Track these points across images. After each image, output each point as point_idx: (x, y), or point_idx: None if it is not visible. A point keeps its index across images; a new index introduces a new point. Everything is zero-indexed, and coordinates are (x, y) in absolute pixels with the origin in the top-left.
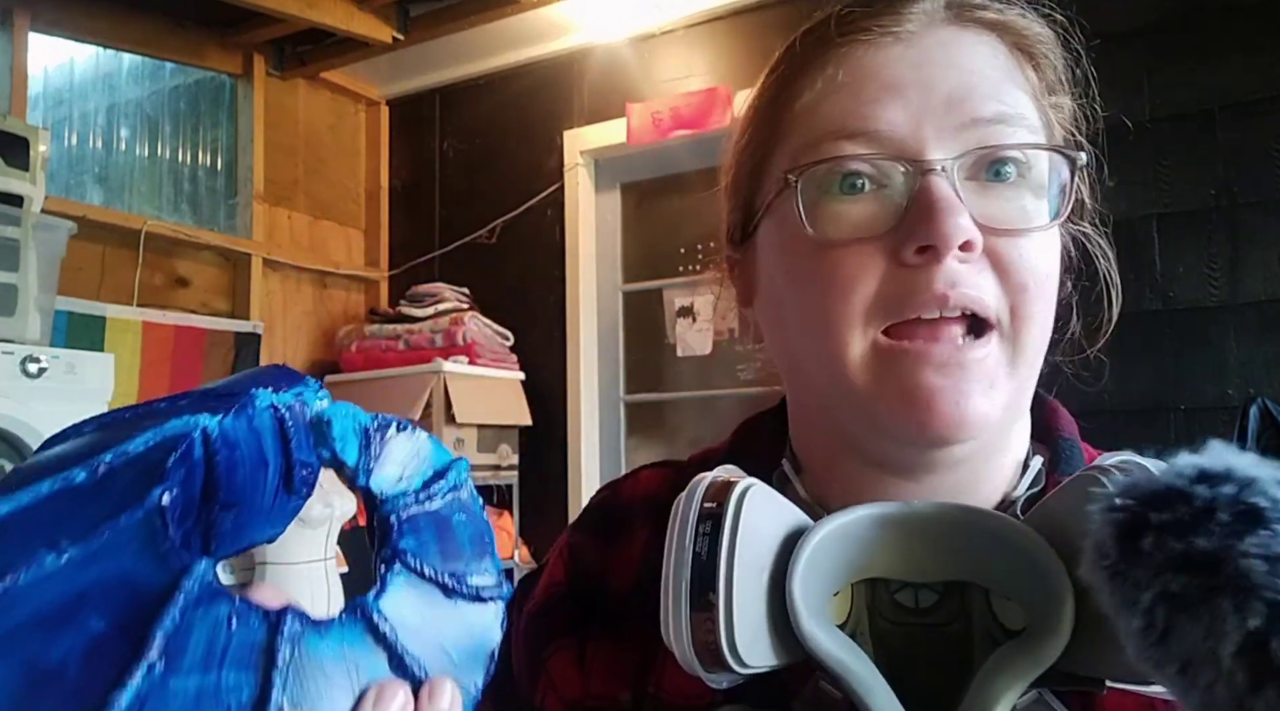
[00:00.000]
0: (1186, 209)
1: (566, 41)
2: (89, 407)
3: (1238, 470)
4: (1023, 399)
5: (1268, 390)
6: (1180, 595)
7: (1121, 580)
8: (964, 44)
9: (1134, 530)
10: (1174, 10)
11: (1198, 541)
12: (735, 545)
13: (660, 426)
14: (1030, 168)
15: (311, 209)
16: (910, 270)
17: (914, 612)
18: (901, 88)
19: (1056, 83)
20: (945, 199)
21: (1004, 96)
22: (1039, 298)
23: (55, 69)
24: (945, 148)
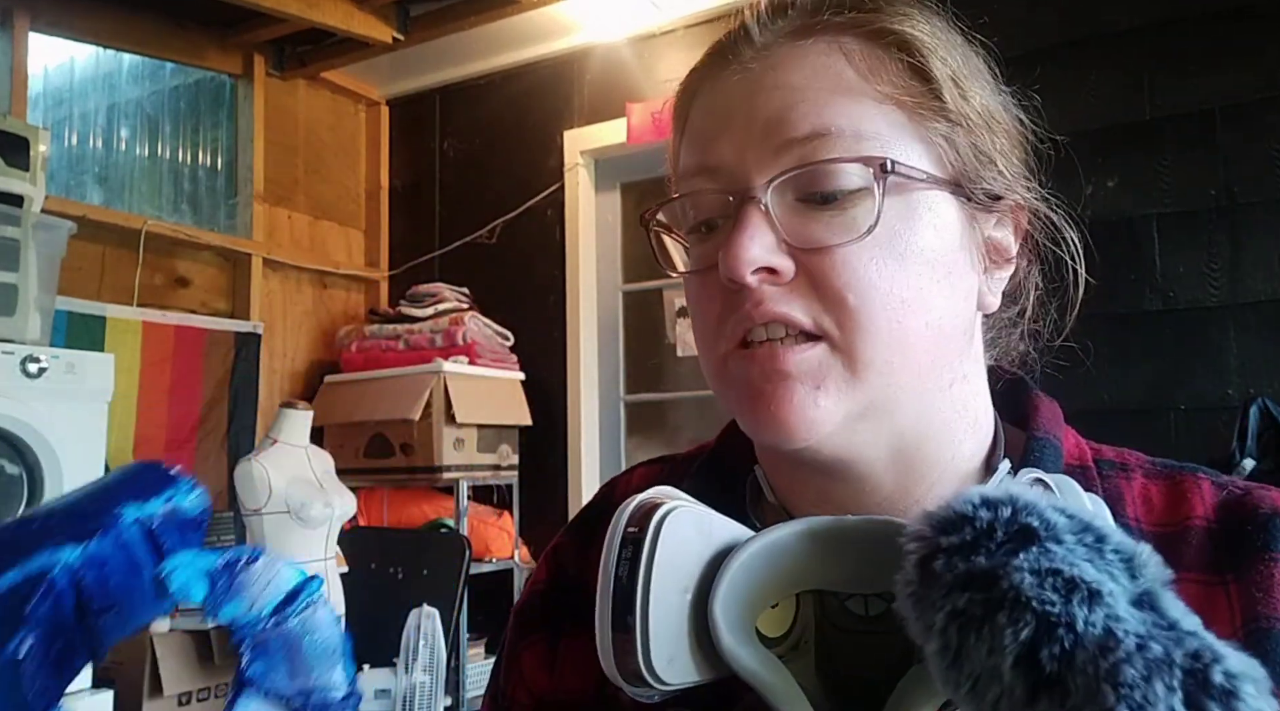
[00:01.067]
0: (1186, 209)
1: (566, 41)
2: (89, 407)
3: (1019, 496)
4: (892, 401)
5: (1268, 390)
6: (965, 612)
7: (921, 603)
8: (795, 60)
9: (930, 556)
10: (1174, 10)
11: (978, 560)
12: (652, 569)
13: (660, 426)
14: (865, 181)
15: (311, 209)
16: (733, 295)
17: (864, 620)
18: (730, 119)
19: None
20: (743, 230)
21: (825, 110)
22: (870, 307)
23: (55, 69)
24: (765, 171)
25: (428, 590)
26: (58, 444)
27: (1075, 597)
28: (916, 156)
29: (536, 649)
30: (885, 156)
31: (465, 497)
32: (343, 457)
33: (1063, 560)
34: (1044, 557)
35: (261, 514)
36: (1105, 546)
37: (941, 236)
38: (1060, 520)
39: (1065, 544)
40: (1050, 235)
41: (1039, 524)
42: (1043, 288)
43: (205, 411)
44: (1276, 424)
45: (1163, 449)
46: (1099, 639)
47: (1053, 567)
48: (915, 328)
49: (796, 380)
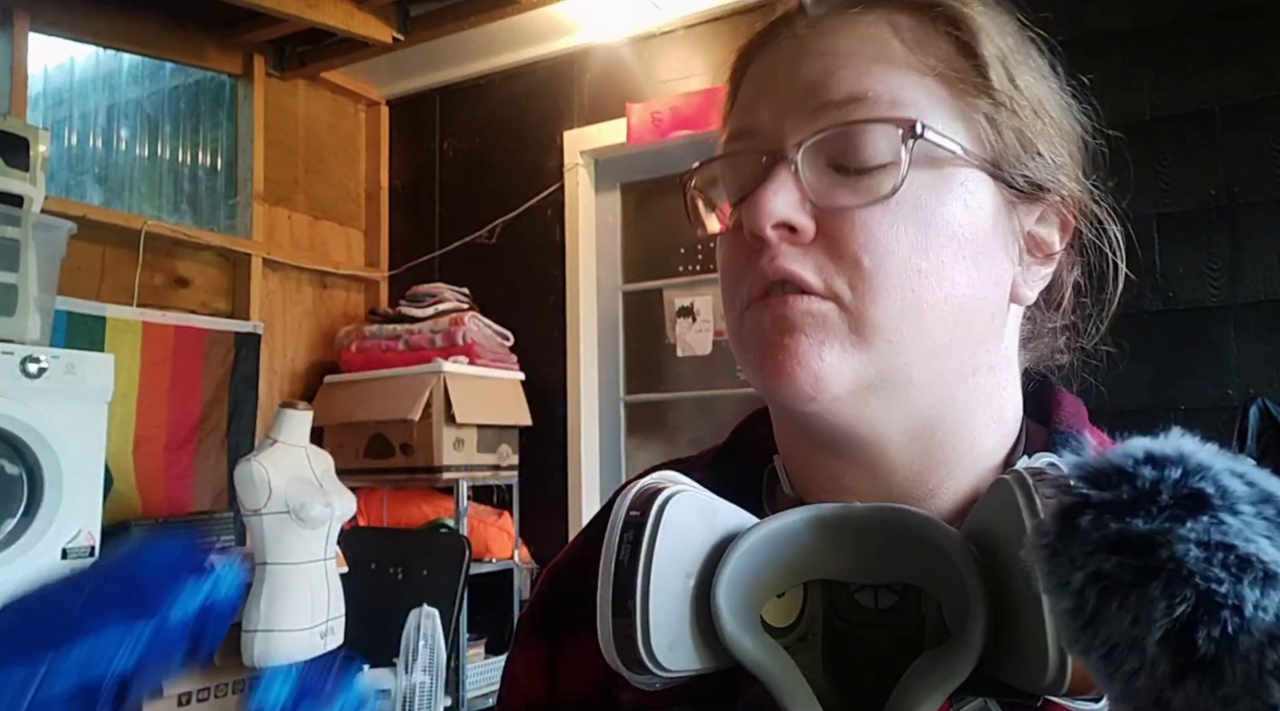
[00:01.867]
0: (1186, 209)
1: (566, 41)
2: (89, 407)
3: (1191, 456)
4: (904, 375)
5: (1268, 390)
6: (1111, 576)
7: (1057, 559)
8: (843, 28)
9: (1074, 509)
10: (1174, 10)
11: (1134, 522)
12: (654, 553)
13: (660, 426)
14: (896, 153)
15: (311, 209)
16: (753, 253)
17: (873, 613)
18: (773, 84)
19: (989, 54)
20: (768, 184)
21: (864, 76)
22: (885, 273)
23: (55, 69)
24: (799, 133)
25: (428, 590)
26: (58, 444)
27: (1247, 578)
28: (954, 131)
29: (532, 655)
30: (910, 118)
31: (465, 498)
32: (343, 458)
33: (1237, 534)
34: (1215, 529)
35: (261, 514)
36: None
37: (973, 214)
38: (1239, 487)
39: (1242, 516)
40: (1095, 232)
41: (1214, 490)
42: (1084, 288)
43: (205, 411)
44: (1276, 424)
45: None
46: (1269, 626)
47: (1224, 542)
48: (931, 301)
49: (802, 331)
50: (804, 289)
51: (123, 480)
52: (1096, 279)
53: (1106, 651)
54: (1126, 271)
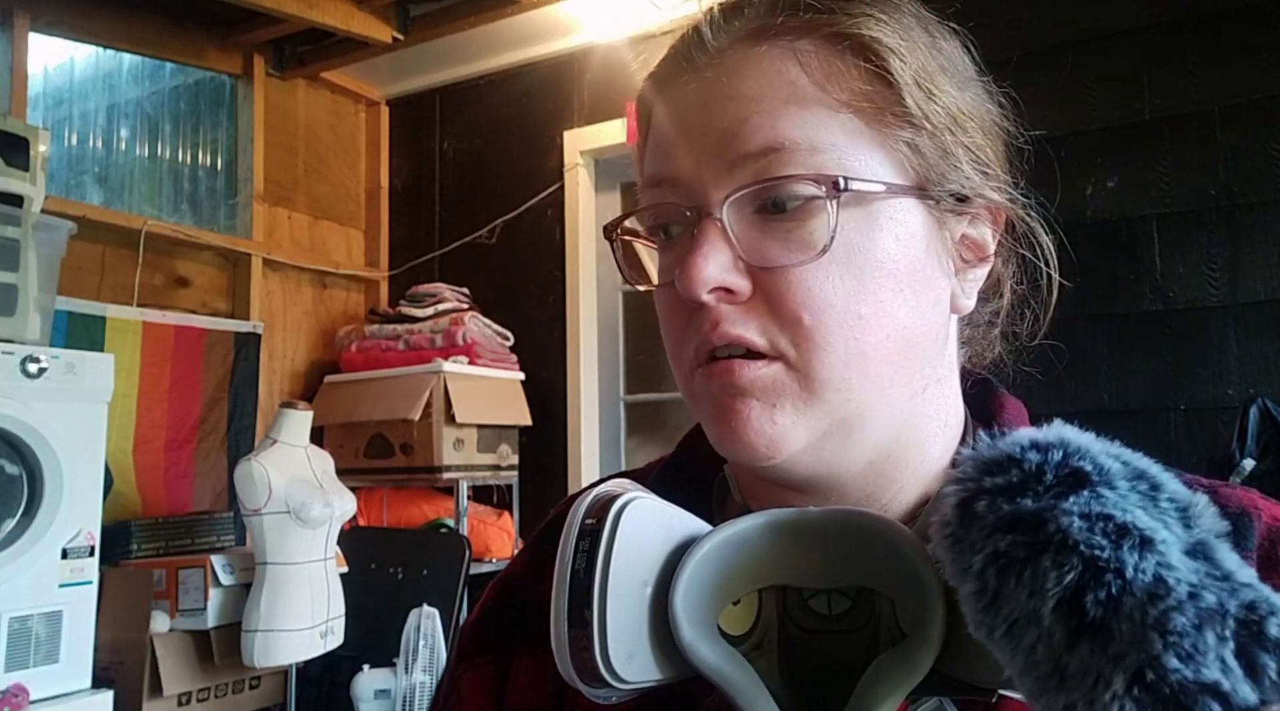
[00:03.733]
0: (1186, 209)
1: (566, 41)
2: (89, 407)
3: (1071, 440)
4: (858, 416)
5: (1268, 390)
6: (1006, 554)
7: (959, 546)
8: (749, 67)
9: (972, 497)
10: (1174, 11)
11: (1024, 502)
12: (610, 561)
13: (660, 426)
14: (820, 191)
15: (311, 209)
16: (694, 311)
17: (827, 619)
18: (687, 130)
19: (904, 73)
20: (699, 248)
21: (778, 123)
22: (826, 327)
23: (55, 69)
24: (722, 186)
25: (428, 590)
26: (58, 444)
27: (1126, 543)
28: (876, 164)
29: (479, 672)
30: (838, 174)
31: (465, 497)
32: (343, 457)
33: (1114, 506)
34: (1095, 502)
35: (261, 514)
36: (1160, 494)
37: (905, 246)
38: (1114, 465)
39: (1118, 490)
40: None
41: (1091, 468)
42: (1024, 284)
43: (205, 411)
44: (1276, 424)
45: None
46: (1148, 586)
47: (1104, 512)
48: (874, 342)
49: (752, 397)
50: (750, 350)
51: (123, 480)
52: (1030, 272)
53: (1008, 627)
54: (1058, 276)
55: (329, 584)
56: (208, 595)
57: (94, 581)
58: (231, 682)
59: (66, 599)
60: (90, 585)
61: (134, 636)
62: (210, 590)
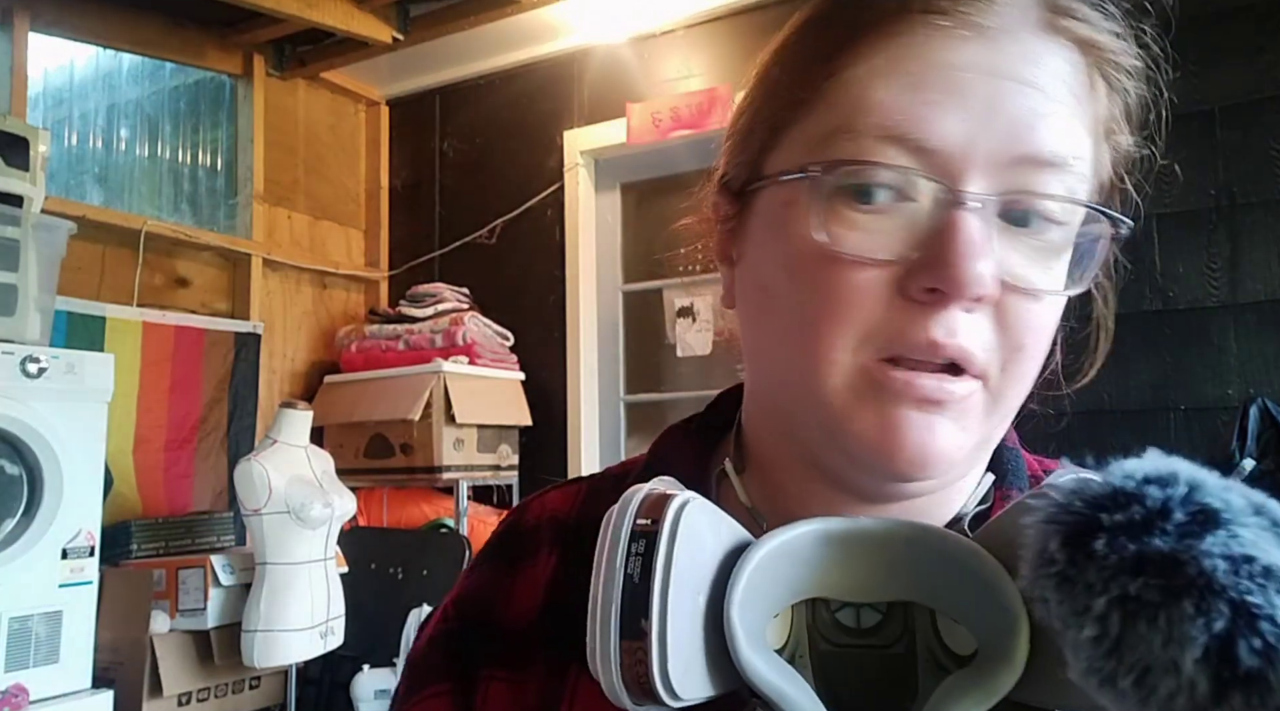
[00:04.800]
0: (1186, 209)
1: (566, 41)
2: (89, 407)
3: (1185, 473)
4: (992, 442)
5: (1268, 390)
6: (1137, 598)
7: (1070, 586)
8: (1048, 60)
9: (1083, 534)
10: (1174, 10)
11: (1154, 542)
12: (671, 567)
13: (660, 426)
14: (1063, 219)
15: (311, 209)
16: (913, 306)
17: (855, 633)
18: (968, 96)
19: (1123, 117)
20: (970, 241)
21: (1068, 135)
22: (1032, 357)
23: (55, 69)
24: (990, 179)
25: (428, 590)
26: (58, 444)
27: (1273, 586)
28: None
29: (436, 703)
30: (1126, 221)
31: (465, 497)
32: (343, 457)
33: (1253, 545)
34: (1234, 542)
35: (261, 514)
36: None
37: None
38: (1237, 501)
39: (1250, 527)
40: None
41: (1220, 505)
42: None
43: (205, 411)
44: (1276, 424)
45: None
46: None
47: (1245, 553)
48: (1034, 378)
49: (946, 414)
50: (964, 367)
51: (123, 480)
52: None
53: (1138, 676)
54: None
55: (329, 584)
56: (208, 595)
57: (94, 581)
58: (231, 682)
59: (66, 599)
60: (90, 585)
61: (134, 636)
62: (210, 590)
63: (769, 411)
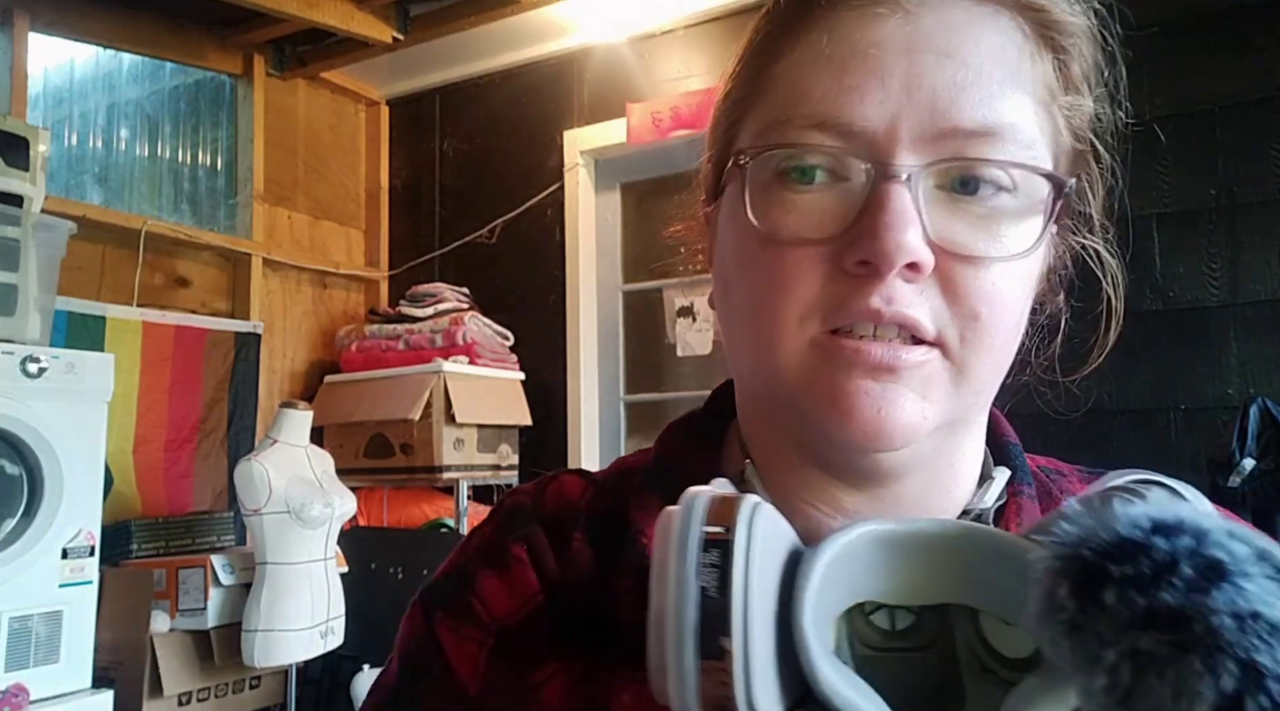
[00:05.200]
0: (1186, 209)
1: (566, 41)
2: (89, 407)
3: (1189, 521)
4: (967, 418)
5: (1268, 390)
6: (1148, 653)
7: (1081, 635)
8: (972, 28)
9: (1091, 583)
10: (1174, 10)
11: (1162, 596)
12: (749, 578)
13: (660, 426)
14: (1014, 183)
15: (311, 209)
16: (850, 279)
17: (890, 636)
18: (886, 75)
19: (1080, 79)
20: (896, 213)
21: (998, 102)
22: (995, 325)
23: (55, 69)
24: (918, 153)
25: None
26: (58, 444)
27: (1278, 642)
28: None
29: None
30: (1064, 178)
31: (465, 497)
32: (343, 457)
33: (1259, 600)
34: (1240, 597)
35: (261, 514)
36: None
37: (1040, 261)
38: (1241, 549)
39: (1254, 578)
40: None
41: (1226, 557)
42: (1067, 311)
43: (205, 411)
44: (1276, 424)
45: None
46: None
47: (1252, 609)
48: (1010, 350)
49: (904, 384)
50: (915, 335)
51: (123, 480)
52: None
53: None
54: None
55: (329, 584)
56: (208, 595)
57: (94, 581)
58: (231, 682)
59: (66, 599)
60: (90, 585)
61: (134, 636)
62: (210, 590)
63: (752, 401)
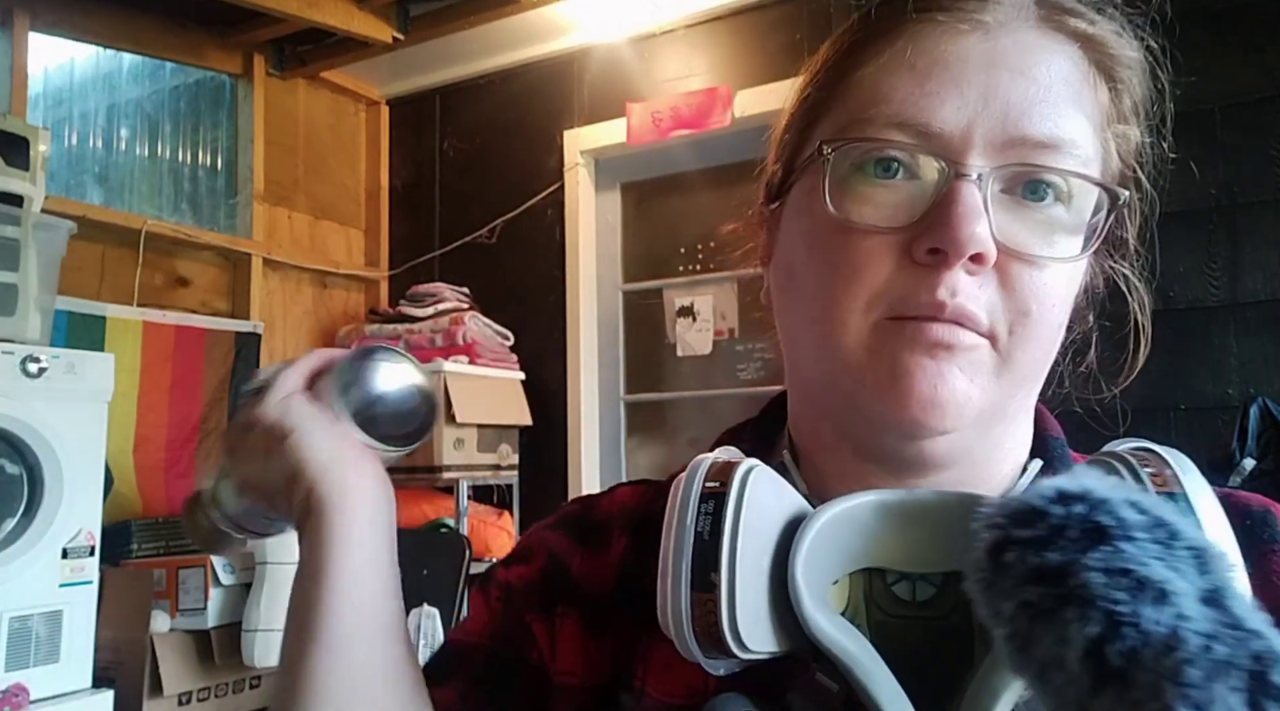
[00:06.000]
0: (1186, 209)
1: (566, 41)
2: (89, 407)
3: (1093, 492)
4: (1010, 409)
5: (1268, 390)
6: (1035, 604)
7: (992, 591)
8: (1043, 51)
9: (1000, 546)
10: (1173, 11)
11: (1049, 555)
12: (739, 524)
13: (660, 426)
14: (1070, 195)
15: (311, 209)
16: (918, 269)
17: (911, 606)
18: (964, 85)
19: (1130, 111)
20: (967, 205)
21: (1062, 118)
22: (1041, 323)
23: (55, 69)
24: (988, 157)
25: (428, 590)
26: (58, 444)
27: (1144, 597)
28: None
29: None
30: (1121, 191)
31: (465, 497)
32: None
33: (1132, 559)
34: (1115, 557)
35: None
36: (1177, 543)
37: (1084, 275)
38: (1133, 517)
39: (1137, 542)
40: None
41: (1112, 522)
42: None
43: (206, 411)
44: (1276, 423)
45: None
46: (1164, 638)
47: (1122, 567)
48: (1051, 350)
49: (956, 364)
50: (969, 326)
51: (123, 480)
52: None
53: (1039, 670)
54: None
55: None
56: (208, 595)
57: (94, 581)
58: (232, 682)
59: (67, 598)
60: (90, 585)
61: (134, 636)
62: (210, 590)
63: (803, 390)
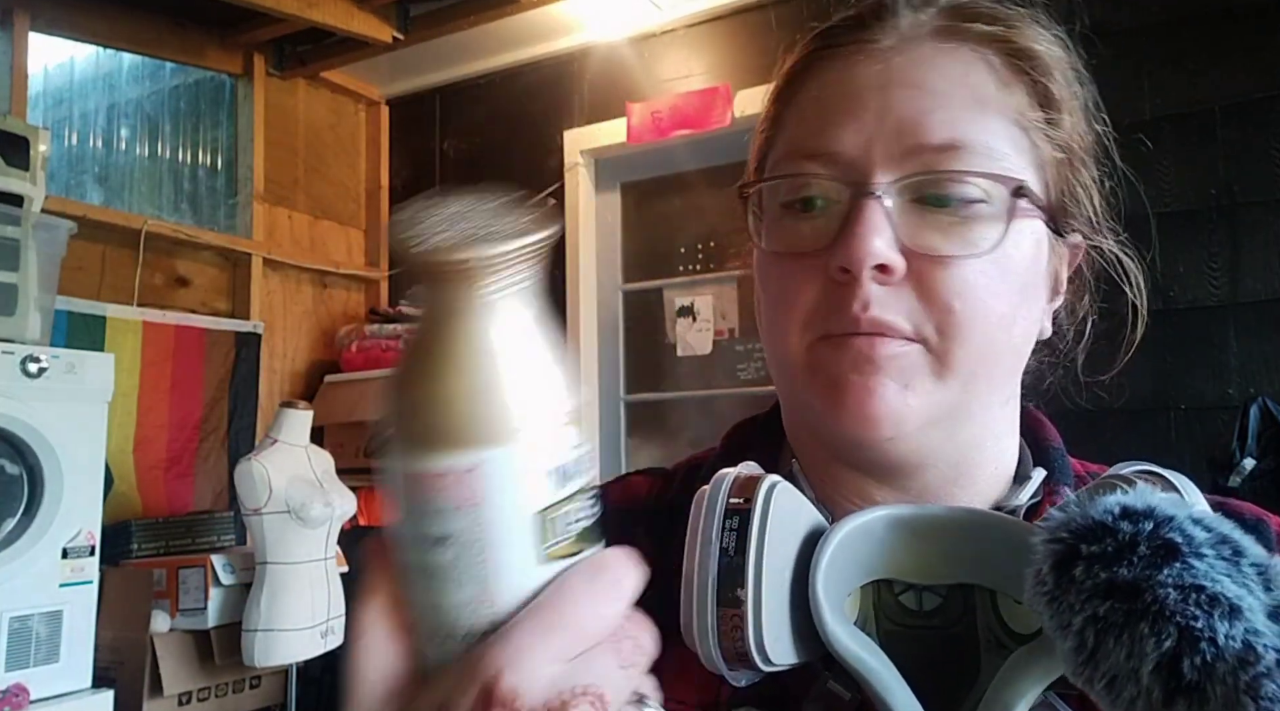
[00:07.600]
0: (1186, 209)
1: (566, 41)
2: (89, 407)
3: (1159, 509)
4: (972, 408)
5: (1268, 390)
6: (1105, 619)
7: (1057, 605)
8: (938, 62)
9: (1067, 560)
10: (1174, 10)
11: (1120, 571)
12: (764, 541)
13: (660, 426)
14: (985, 195)
15: (311, 208)
16: (836, 287)
17: (918, 615)
18: (862, 109)
19: (1058, 97)
20: (866, 223)
21: (960, 122)
22: (974, 317)
23: (55, 69)
24: (890, 171)
25: None
26: (58, 444)
27: (1217, 612)
28: (1031, 180)
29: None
30: (1019, 179)
31: None
32: (343, 457)
33: (1204, 576)
34: (1186, 573)
35: (261, 513)
36: (1243, 560)
37: (1034, 263)
38: (1200, 534)
39: (1206, 558)
40: (1099, 268)
41: (1181, 539)
42: (1093, 312)
43: (205, 411)
44: (1276, 423)
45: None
46: (1239, 652)
47: (1195, 583)
48: (1001, 342)
49: (886, 374)
50: (893, 334)
51: (123, 480)
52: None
53: (1107, 682)
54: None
55: (329, 583)
56: (208, 595)
57: (94, 581)
58: (232, 682)
59: (67, 598)
60: (90, 585)
61: (134, 636)
62: (210, 590)
63: (786, 405)
